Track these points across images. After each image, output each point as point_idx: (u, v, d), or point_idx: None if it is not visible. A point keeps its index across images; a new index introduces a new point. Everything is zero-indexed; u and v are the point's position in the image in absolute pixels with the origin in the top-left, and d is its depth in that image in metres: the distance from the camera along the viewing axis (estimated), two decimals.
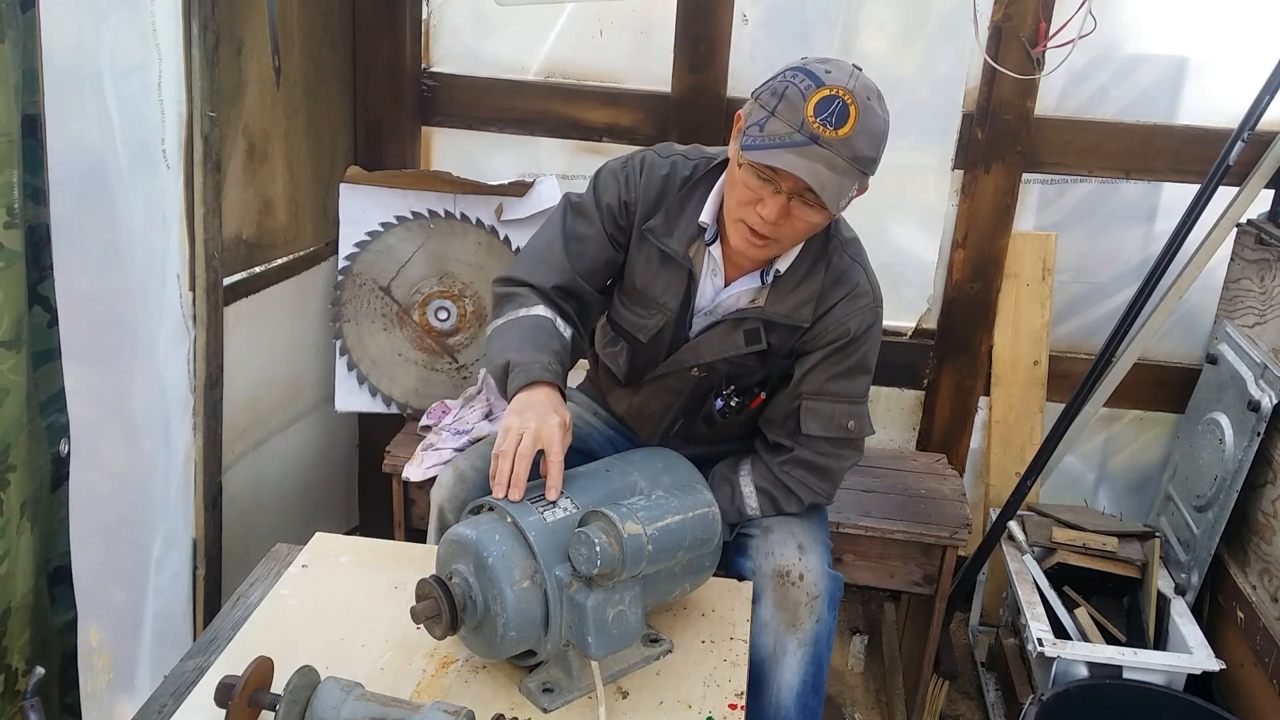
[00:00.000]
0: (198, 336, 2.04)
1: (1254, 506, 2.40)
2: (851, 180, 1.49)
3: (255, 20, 2.21)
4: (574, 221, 1.77)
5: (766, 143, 1.47)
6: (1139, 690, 2.25)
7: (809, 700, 1.80)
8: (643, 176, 1.73)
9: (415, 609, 1.38)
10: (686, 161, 1.74)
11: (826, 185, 1.46)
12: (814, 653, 1.78)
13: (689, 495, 1.47)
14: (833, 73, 1.47)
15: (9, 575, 1.45)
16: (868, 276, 1.75)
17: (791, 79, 1.48)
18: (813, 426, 1.74)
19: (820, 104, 1.44)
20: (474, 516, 1.47)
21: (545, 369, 1.57)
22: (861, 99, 1.46)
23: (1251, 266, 2.54)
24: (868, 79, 1.51)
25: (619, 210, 1.74)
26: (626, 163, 1.76)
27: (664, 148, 1.79)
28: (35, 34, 1.41)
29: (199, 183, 1.97)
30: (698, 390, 1.82)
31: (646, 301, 1.77)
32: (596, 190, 1.77)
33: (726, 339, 1.74)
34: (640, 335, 1.79)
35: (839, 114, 1.44)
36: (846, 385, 1.75)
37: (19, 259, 1.40)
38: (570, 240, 1.76)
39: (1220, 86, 2.61)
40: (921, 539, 2.32)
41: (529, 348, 1.61)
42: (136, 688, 1.98)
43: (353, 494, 3.11)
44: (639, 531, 1.35)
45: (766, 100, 1.50)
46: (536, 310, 1.70)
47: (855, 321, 1.72)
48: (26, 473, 1.48)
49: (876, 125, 1.49)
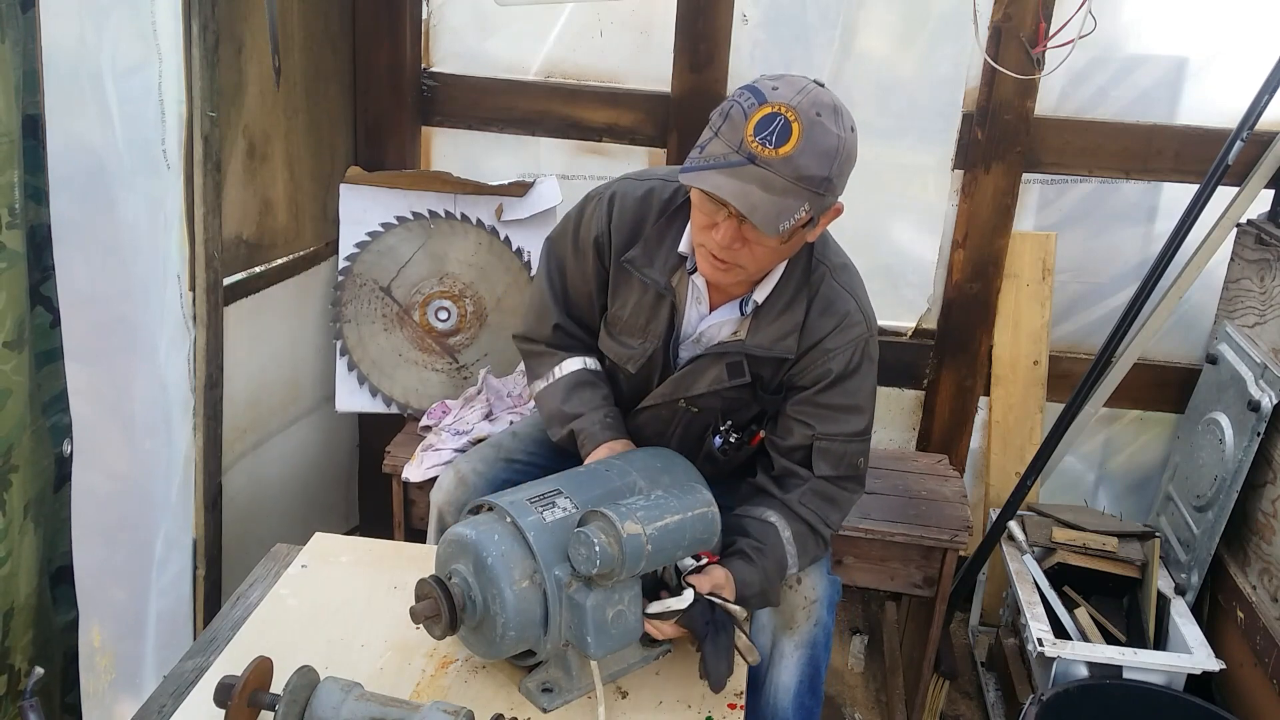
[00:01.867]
0: (198, 336, 2.04)
1: (1254, 506, 2.40)
2: (795, 200, 1.41)
3: (255, 20, 2.21)
4: (550, 264, 1.82)
5: (702, 164, 1.43)
6: (1139, 690, 2.25)
7: (805, 700, 1.79)
8: (614, 207, 1.69)
9: (415, 609, 1.38)
10: (665, 185, 1.69)
11: (757, 206, 1.40)
12: (811, 655, 1.78)
13: (688, 495, 1.46)
14: (780, 89, 1.41)
15: (11, 576, 1.46)
16: (859, 304, 1.65)
17: (738, 98, 1.43)
18: (824, 468, 1.67)
19: (761, 122, 1.39)
20: (473, 516, 1.47)
21: (605, 427, 1.71)
22: (808, 116, 1.39)
23: (1251, 266, 2.54)
24: (824, 95, 1.43)
25: (593, 246, 1.72)
26: (600, 196, 1.73)
27: (641, 173, 1.76)
28: (35, 34, 1.41)
29: (199, 183, 1.97)
30: (692, 426, 1.78)
31: (632, 331, 1.74)
32: (574, 227, 1.76)
33: (710, 372, 1.68)
34: (628, 365, 1.76)
35: (780, 132, 1.38)
36: (852, 422, 1.67)
37: (21, 259, 1.40)
38: (551, 284, 1.81)
39: (1220, 86, 2.61)
40: (922, 542, 2.32)
41: (583, 409, 1.74)
42: (140, 688, 1.98)
43: (353, 494, 3.11)
44: (638, 531, 1.35)
45: (714, 120, 1.46)
46: (569, 365, 1.80)
47: (850, 354, 1.63)
48: (30, 473, 1.48)
49: (827, 142, 1.41)
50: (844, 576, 2.39)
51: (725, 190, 1.41)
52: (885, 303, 2.87)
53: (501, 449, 1.89)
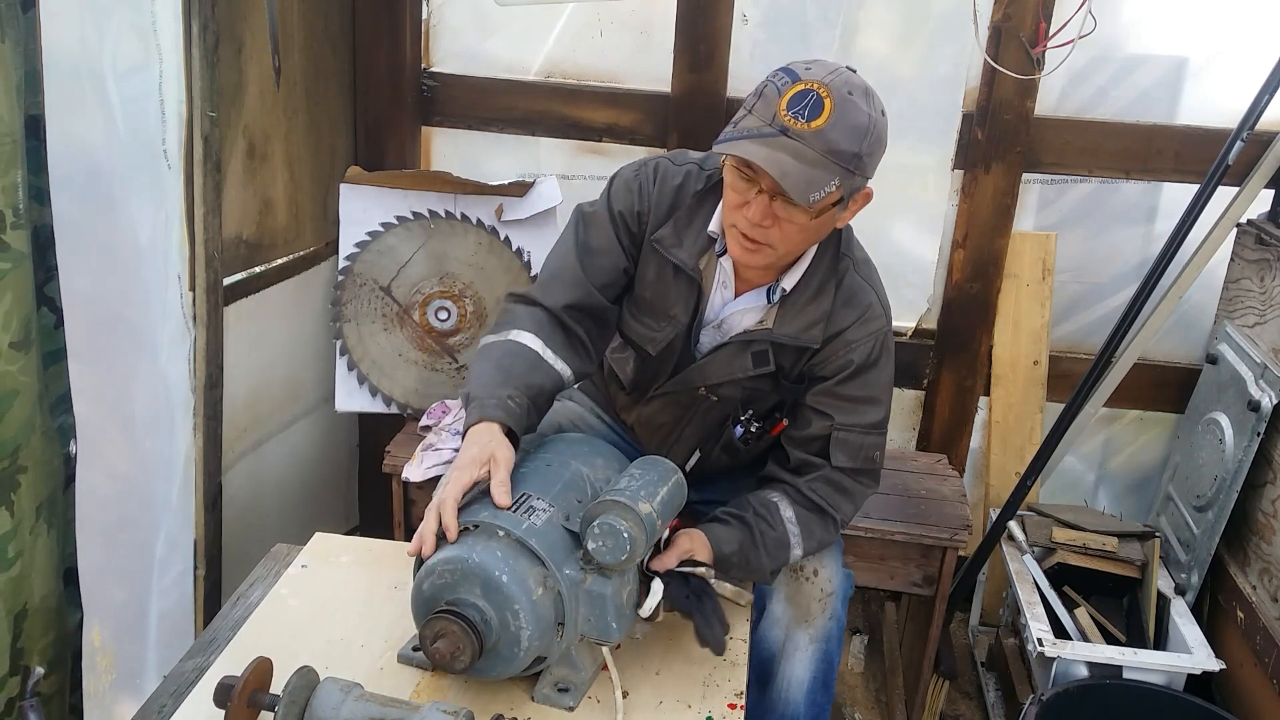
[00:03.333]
0: (198, 336, 2.04)
1: (1254, 506, 2.40)
2: (827, 174, 1.44)
3: (255, 20, 2.21)
4: (586, 233, 1.72)
5: (735, 135, 1.47)
6: (1139, 690, 2.25)
7: (818, 696, 1.78)
8: (656, 185, 1.69)
9: (436, 649, 1.31)
10: (700, 172, 1.69)
11: (788, 173, 1.42)
12: (825, 650, 1.77)
13: (656, 466, 1.49)
14: (813, 69, 1.46)
15: (23, 577, 1.45)
16: (879, 298, 1.68)
17: (772, 78, 1.47)
18: (841, 459, 1.67)
19: (794, 98, 1.43)
20: (451, 544, 1.38)
21: (499, 406, 1.53)
22: (840, 93, 1.43)
23: (1251, 266, 2.54)
24: (856, 78, 1.48)
25: (632, 219, 1.69)
26: (640, 170, 1.71)
27: (679, 155, 1.74)
28: (36, 34, 1.41)
29: (199, 183, 1.97)
30: (710, 414, 1.76)
31: (656, 313, 1.71)
32: (610, 199, 1.71)
33: (734, 361, 1.67)
34: (649, 348, 1.73)
35: (813, 106, 1.42)
36: (871, 413, 1.68)
37: (26, 260, 1.40)
38: (584, 253, 1.70)
39: (1220, 86, 2.61)
40: (921, 540, 2.32)
41: (495, 381, 1.57)
42: (140, 688, 1.98)
43: (353, 494, 3.11)
44: (650, 510, 1.37)
45: (749, 100, 1.49)
46: (521, 338, 1.64)
47: (871, 346, 1.65)
48: (40, 474, 1.48)
49: (858, 119, 1.44)
50: None
51: (758, 156, 1.43)
52: None
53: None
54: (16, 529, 1.42)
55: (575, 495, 1.48)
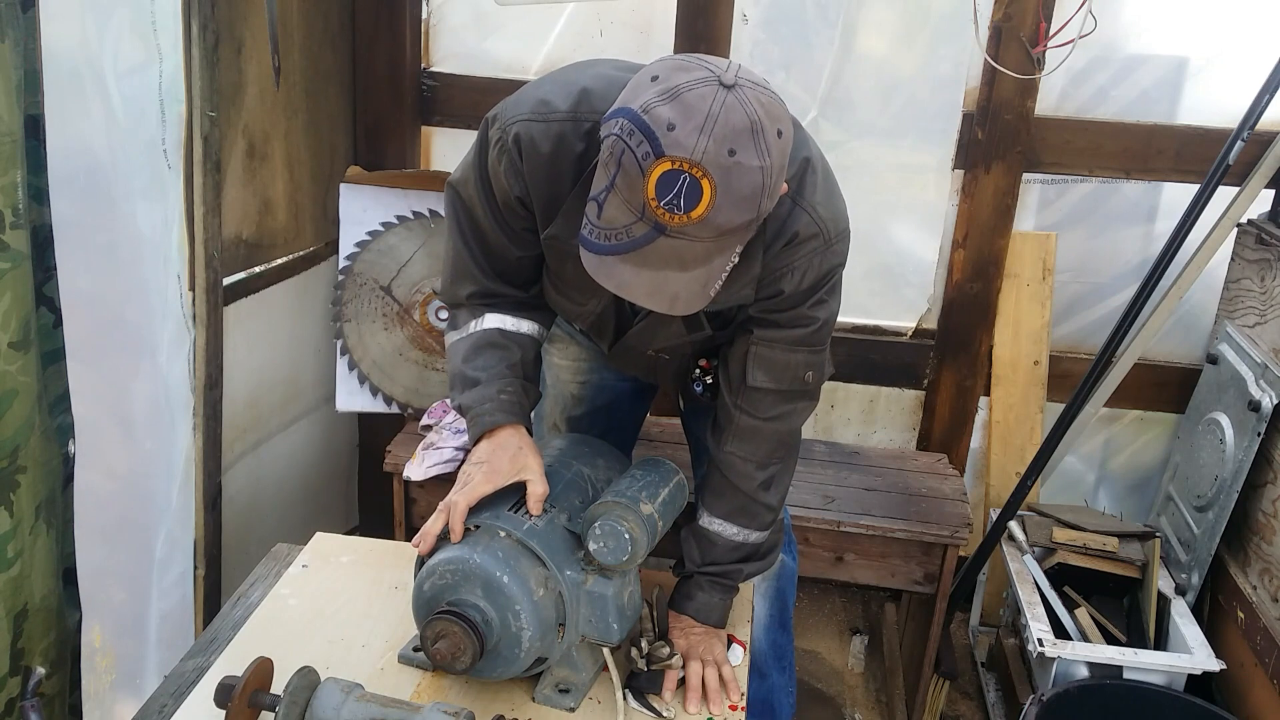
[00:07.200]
0: (198, 336, 2.04)
1: (1254, 506, 2.40)
2: (723, 256, 1.23)
3: (255, 20, 2.21)
4: (464, 218, 1.55)
5: (603, 242, 1.21)
6: (1139, 690, 2.25)
7: (778, 637, 1.77)
8: (525, 162, 1.41)
9: (438, 649, 1.32)
10: (576, 127, 1.37)
11: (679, 295, 1.23)
12: (778, 587, 1.75)
13: (658, 468, 1.50)
14: (677, 128, 1.13)
15: (23, 577, 1.45)
16: (814, 215, 1.38)
17: (628, 139, 1.16)
18: (760, 377, 1.49)
19: (662, 183, 1.14)
20: (453, 545, 1.39)
21: (499, 407, 1.46)
22: (719, 164, 1.14)
23: (1252, 266, 2.54)
24: (736, 115, 1.15)
25: (515, 204, 1.46)
26: (502, 151, 1.42)
27: (538, 104, 1.40)
28: (36, 34, 1.41)
29: (199, 183, 1.97)
30: (669, 369, 1.67)
31: (580, 288, 1.51)
32: (487, 179, 1.48)
33: (670, 326, 1.52)
34: (577, 323, 1.65)
35: (689, 194, 1.14)
36: (797, 330, 1.46)
37: (26, 259, 1.40)
38: (468, 243, 1.54)
39: (1220, 86, 2.61)
40: (922, 538, 2.32)
41: (481, 381, 1.50)
42: (140, 688, 1.98)
43: (353, 494, 3.11)
44: (652, 511, 1.38)
45: (607, 158, 1.20)
46: (488, 322, 1.55)
47: (804, 271, 1.42)
48: (40, 474, 1.47)
49: (749, 183, 1.16)
50: (844, 574, 2.40)
51: (637, 291, 1.23)
52: (885, 303, 2.91)
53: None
54: (16, 529, 1.42)
55: (577, 496, 1.49)
